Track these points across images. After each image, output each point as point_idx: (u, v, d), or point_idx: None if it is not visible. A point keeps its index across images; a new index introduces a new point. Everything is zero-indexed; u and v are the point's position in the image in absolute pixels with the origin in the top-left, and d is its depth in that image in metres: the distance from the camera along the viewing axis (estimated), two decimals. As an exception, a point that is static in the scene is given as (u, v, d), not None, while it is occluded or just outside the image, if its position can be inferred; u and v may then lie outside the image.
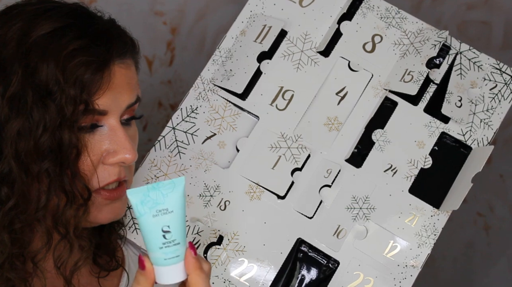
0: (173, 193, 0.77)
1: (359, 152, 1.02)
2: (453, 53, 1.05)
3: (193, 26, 1.32)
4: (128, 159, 0.84)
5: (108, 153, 0.84)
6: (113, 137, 0.84)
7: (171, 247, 0.77)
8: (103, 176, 0.84)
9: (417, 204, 1.00)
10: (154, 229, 0.77)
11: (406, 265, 0.98)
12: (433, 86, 1.04)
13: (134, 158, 0.85)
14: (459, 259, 1.54)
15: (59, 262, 0.85)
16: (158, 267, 0.77)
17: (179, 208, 0.77)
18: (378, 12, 1.06)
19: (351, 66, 1.04)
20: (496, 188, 1.46)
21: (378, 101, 1.03)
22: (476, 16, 1.42)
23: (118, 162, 0.84)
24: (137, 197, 0.77)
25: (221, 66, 1.04)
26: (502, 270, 1.53)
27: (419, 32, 1.05)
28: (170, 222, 0.77)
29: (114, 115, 0.84)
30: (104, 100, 0.83)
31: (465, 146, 1.02)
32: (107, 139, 0.84)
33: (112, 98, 0.84)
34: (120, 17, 0.89)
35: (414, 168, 1.01)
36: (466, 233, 1.52)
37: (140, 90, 0.89)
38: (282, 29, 1.05)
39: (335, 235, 0.99)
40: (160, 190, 0.77)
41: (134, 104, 0.87)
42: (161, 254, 0.77)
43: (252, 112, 1.03)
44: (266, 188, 1.00)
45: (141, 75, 0.93)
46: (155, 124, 1.37)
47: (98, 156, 0.84)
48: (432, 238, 0.99)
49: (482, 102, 1.04)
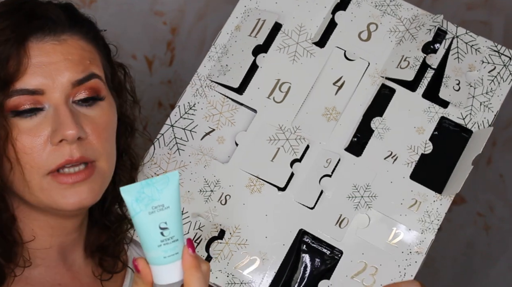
0: (168, 187, 0.76)
1: (358, 140, 1.01)
2: (450, 37, 1.04)
3: (193, 26, 1.33)
4: (69, 135, 0.82)
5: (51, 133, 0.83)
6: (55, 116, 0.83)
7: (170, 244, 0.75)
8: (54, 157, 0.83)
9: (419, 190, 0.99)
10: (151, 227, 0.75)
11: (410, 252, 0.97)
12: (430, 71, 1.03)
13: (76, 132, 0.82)
14: (459, 259, 1.52)
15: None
16: (157, 267, 0.75)
17: (175, 203, 0.76)
18: (373, 0, 1.06)
19: (347, 55, 1.04)
20: (496, 188, 1.45)
21: (376, 89, 1.02)
22: (476, 16, 1.41)
23: (60, 139, 0.82)
24: (132, 194, 0.75)
25: (217, 62, 1.04)
26: (502, 270, 1.52)
27: (414, 18, 1.04)
28: (167, 218, 0.76)
29: (55, 94, 0.83)
30: (34, 79, 0.82)
31: (465, 129, 1.01)
32: (50, 120, 0.83)
33: (45, 76, 0.83)
34: (120, 17, 0.90)
35: (414, 154, 1.00)
36: (466, 233, 1.51)
37: (99, 69, 0.87)
38: (277, 22, 1.05)
39: (337, 224, 0.98)
40: (155, 186, 0.76)
41: (85, 81, 0.85)
42: (160, 252, 0.75)
43: (249, 106, 1.03)
44: (266, 181, 1.00)
45: (141, 75, 0.93)
46: (155, 124, 1.38)
47: (42, 138, 0.83)
48: (436, 223, 0.98)
49: (481, 85, 1.03)
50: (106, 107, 0.88)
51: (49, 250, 0.89)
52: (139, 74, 0.96)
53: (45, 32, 0.84)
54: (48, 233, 0.88)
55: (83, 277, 0.93)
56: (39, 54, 0.83)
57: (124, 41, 1.23)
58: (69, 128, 0.82)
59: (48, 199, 0.84)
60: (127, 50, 1.22)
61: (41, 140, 0.83)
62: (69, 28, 0.86)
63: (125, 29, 1.31)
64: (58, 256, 0.90)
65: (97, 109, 0.86)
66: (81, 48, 0.86)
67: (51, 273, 0.89)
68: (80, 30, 0.87)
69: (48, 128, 0.83)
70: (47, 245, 0.89)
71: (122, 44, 0.98)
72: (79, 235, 0.93)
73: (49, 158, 0.83)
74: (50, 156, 0.83)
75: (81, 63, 0.85)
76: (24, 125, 0.83)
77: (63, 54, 0.84)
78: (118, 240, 0.96)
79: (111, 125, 0.88)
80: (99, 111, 0.87)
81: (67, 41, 0.85)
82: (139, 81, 1.03)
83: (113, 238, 0.95)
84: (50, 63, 0.83)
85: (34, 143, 0.83)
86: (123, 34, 1.30)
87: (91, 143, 0.85)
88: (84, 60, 0.86)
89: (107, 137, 0.87)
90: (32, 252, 0.87)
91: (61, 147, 0.83)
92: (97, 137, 0.85)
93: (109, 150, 0.87)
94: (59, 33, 0.85)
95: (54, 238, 0.89)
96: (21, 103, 0.82)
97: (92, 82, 0.86)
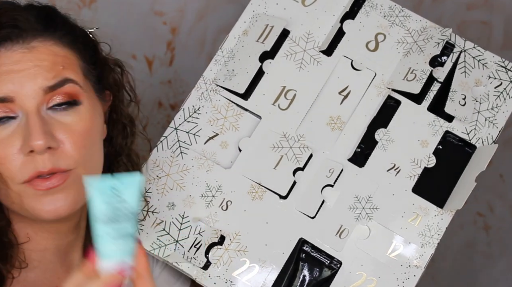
0: (131, 187, 0.75)
1: (362, 151, 1.01)
2: (457, 51, 1.04)
3: (193, 26, 1.33)
4: (37, 146, 0.80)
5: (22, 142, 0.81)
6: (25, 125, 0.81)
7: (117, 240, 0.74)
8: (26, 168, 0.81)
9: (421, 204, 0.99)
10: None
11: (409, 265, 0.97)
12: (437, 84, 1.03)
13: (44, 143, 0.80)
14: (459, 259, 1.52)
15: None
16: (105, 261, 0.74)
17: (136, 201, 0.75)
18: (382, 10, 1.05)
19: (354, 65, 1.04)
20: (496, 188, 1.44)
21: (381, 100, 1.02)
22: (476, 16, 1.41)
23: (29, 150, 0.80)
24: (97, 187, 0.74)
25: (223, 66, 1.04)
26: (502, 270, 1.52)
27: (423, 31, 1.04)
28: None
29: (25, 101, 0.81)
30: (3, 86, 0.80)
31: (469, 144, 1.01)
32: (22, 128, 0.81)
33: (14, 83, 0.81)
34: (120, 17, 0.89)
35: (417, 167, 1.00)
36: (466, 233, 1.51)
37: (75, 73, 0.84)
38: (285, 28, 1.04)
39: (337, 234, 0.98)
40: (120, 181, 0.75)
41: (57, 87, 0.83)
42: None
43: (254, 112, 1.03)
44: (268, 188, 0.99)
45: (141, 75, 0.93)
46: (155, 124, 1.37)
47: (15, 148, 0.81)
48: (436, 238, 0.98)
49: (487, 100, 1.03)
50: (84, 112, 0.85)
51: (45, 252, 0.89)
52: (139, 74, 0.95)
53: (13, 41, 0.82)
54: (43, 236, 0.88)
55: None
56: (9, 63, 0.81)
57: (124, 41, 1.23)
58: (37, 138, 0.80)
59: (27, 206, 0.83)
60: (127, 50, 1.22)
61: (14, 150, 0.81)
62: (41, 34, 0.84)
63: (125, 29, 1.31)
64: (55, 258, 0.90)
65: (73, 114, 0.84)
66: (53, 53, 0.84)
67: (48, 275, 0.89)
68: (53, 35, 0.85)
69: (20, 138, 0.81)
70: (42, 247, 0.89)
71: (122, 44, 0.97)
72: (77, 236, 0.92)
73: (22, 169, 0.81)
74: (22, 166, 0.81)
75: (53, 69, 0.83)
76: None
77: (32, 61, 0.82)
78: None
79: (92, 130, 0.86)
80: (76, 117, 0.84)
81: (37, 48, 0.83)
82: (139, 81, 1.02)
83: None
84: (19, 70, 0.81)
85: (7, 153, 0.81)
86: (123, 34, 1.30)
87: (65, 152, 0.82)
88: (56, 66, 0.83)
89: (85, 144, 0.84)
90: (28, 254, 0.87)
91: (33, 157, 0.81)
92: (73, 145, 0.82)
93: (88, 156, 0.85)
94: (29, 40, 0.83)
95: (49, 241, 0.89)
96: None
97: (67, 88, 0.83)
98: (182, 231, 0.99)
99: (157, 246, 0.98)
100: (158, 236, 0.99)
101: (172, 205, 1.00)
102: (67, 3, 1.28)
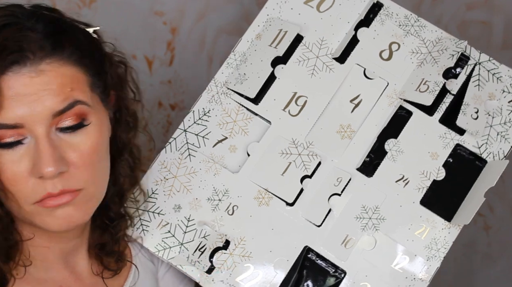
0: None
1: (371, 161, 1.00)
2: (472, 63, 1.03)
3: (193, 26, 1.32)
4: (47, 173, 0.80)
5: (32, 166, 0.81)
6: (35, 150, 0.81)
7: None
8: (36, 191, 0.82)
9: (428, 216, 0.98)
10: None
11: (414, 278, 0.96)
12: (449, 96, 1.02)
13: (55, 169, 0.80)
14: (459, 259, 1.52)
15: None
16: None
17: None
18: (397, 19, 1.04)
19: (366, 73, 1.03)
20: (496, 188, 1.43)
21: (393, 110, 1.01)
22: (476, 16, 1.40)
23: (39, 176, 0.81)
24: None
25: (235, 69, 1.03)
26: (502, 270, 1.51)
27: (438, 41, 1.03)
28: None
29: (35, 126, 0.81)
30: (12, 112, 0.80)
31: (480, 158, 1.00)
32: (31, 152, 0.81)
33: (24, 109, 0.80)
34: (120, 17, 0.88)
35: (426, 179, 0.99)
36: (466, 233, 1.50)
37: (83, 93, 0.84)
38: (298, 34, 1.04)
39: (343, 244, 0.98)
40: None
41: (66, 110, 0.82)
42: None
43: (264, 117, 1.02)
44: (275, 194, 0.99)
45: (141, 75, 0.92)
46: (155, 124, 1.37)
47: (25, 172, 0.81)
48: (442, 252, 0.97)
49: (500, 115, 1.02)
50: (92, 131, 0.85)
51: (49, 250, 0.89)
52: (139, 74, 0.95)
53: (21, 64, 0.81)
54: (46, 241, 0.88)
55: (87, 277, 0.93)
56: (17, 86, 0.80)
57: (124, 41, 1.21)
58: (47, 165, 0.80)
59: (40, 222, 0.84)
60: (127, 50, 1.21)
61: (24, 174, 0.81)
62: (49, 55, 0.82)
63: (125, 29, 1.31)
64: (59, 259, 0.90)
65: (81, 135, 0.84)
66: (62, 75, 0.82)
67: (52, 275, 0.89)
68: (61, 55, 0.83)
69: (30, 161, 0.81)
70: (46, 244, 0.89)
71: (122, 44, 0.97)
72: (81, 239, 0.93)
73: (33, 191, 0.81)
74: (33, 189, 0.81)
75: (62, 91, 0.82)
76: (8, 157, 0.81)
77: (41, 85, 0.81)
78: (117, 237, 0.96)
79: (99, 146, 0.86)
80: (84, 136, 0.84)
81: (45, 72, 0.81)
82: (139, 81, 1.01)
83: (112, 235, 0.95)
84: (28, 94, 0.80)
85: (18, 176, 0.81)
86: (123, 34, 1.29)
87: (75, 173, 0.83)
88: (65, 88, 0.82)
89: (93, 161, 0.84)
90: (32, 252, 0.87)
91: (43, 180, 0.81)
92: (83, 165, 0.83)
93: (97, 172, 0.85)
94: (37, 63, 0.81)
95: (53, 244, 0.89)
96: (4, 135, 0.80)
97: (76, 109, 0.83)
98: (187, 234, 0.98)
99: (161, 248, 0.98)
100: (163, 238, 0.98)
101: (178, 207, 0.99)
102: (67, 3, 1.27)
